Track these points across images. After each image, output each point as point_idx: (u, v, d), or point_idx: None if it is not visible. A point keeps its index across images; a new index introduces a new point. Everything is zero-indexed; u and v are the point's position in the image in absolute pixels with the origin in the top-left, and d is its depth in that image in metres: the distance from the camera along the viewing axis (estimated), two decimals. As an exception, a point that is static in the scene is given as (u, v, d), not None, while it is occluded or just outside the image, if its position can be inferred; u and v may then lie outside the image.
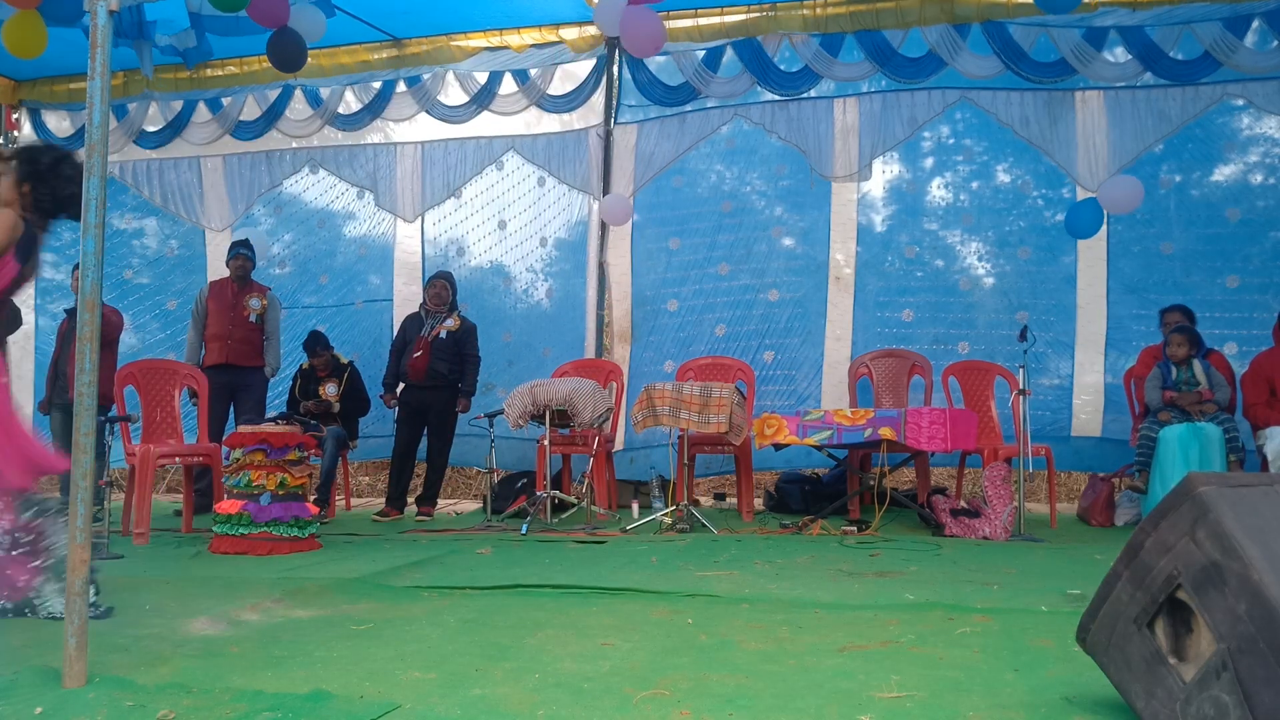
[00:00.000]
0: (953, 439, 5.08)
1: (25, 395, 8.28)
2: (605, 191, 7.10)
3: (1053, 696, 2.17)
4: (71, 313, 6.32)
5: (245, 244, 6.84)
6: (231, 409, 6.59)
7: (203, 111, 7.94)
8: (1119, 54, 6.28)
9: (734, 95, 6.89)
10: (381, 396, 6.60)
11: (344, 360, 6.77)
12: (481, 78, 7.36)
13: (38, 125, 8.36)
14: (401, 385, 6.48)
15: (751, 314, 6.93)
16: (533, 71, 7.26)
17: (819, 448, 5.49)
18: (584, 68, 7.19)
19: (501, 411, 5.74)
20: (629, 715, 2.07)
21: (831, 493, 6.25)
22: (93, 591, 3.08)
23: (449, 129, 7.52)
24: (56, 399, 6.34)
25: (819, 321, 6.84)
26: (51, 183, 3.18)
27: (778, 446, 5.46)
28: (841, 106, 6.77)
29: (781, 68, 6.77)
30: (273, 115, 7.78)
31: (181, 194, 8.08)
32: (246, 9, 5.12)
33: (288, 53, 5.41)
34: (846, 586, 3.59)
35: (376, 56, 7.51)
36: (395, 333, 6.85)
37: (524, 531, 5.26)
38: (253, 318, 6.60)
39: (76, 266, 6.28)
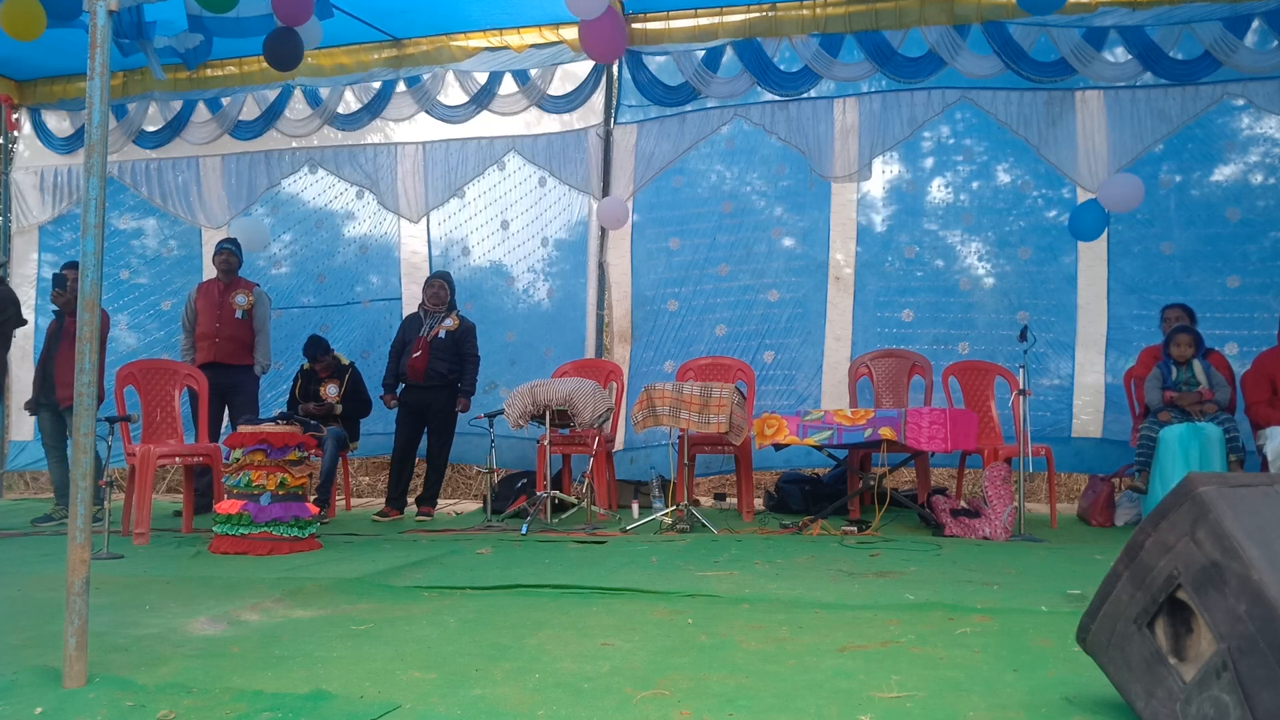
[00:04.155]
0: (953, 439, 5.08)
1: (25, 395, 8.29)
2: (606, 191, 7.10)
3: (1053, 696, 2.17)
4: (59, 315, 6.31)
5: (231, 241, 6.84)
6: (226, 410, 6.57)
7: (202, 111, 7.95)
8: (1119, 54, 6.28)
9: (734, 95, 6.89)
10: (381, 397, 6.59)
11: (345, 361, 6.76)
12: (481, 78, 7.36)
13: (38, 125, 8.37)
14: (401, 385, 6.47)
15: (751, 314, 6.93)
16: (533, 72, 7.26)
17: (819, 448, 5.49)
18: (584, 68, 7.18)
19: (501, 411, 5.74)
20: (629, 715, 2.07)
21: (831, 493, 6.25)
22: None
23: (449, 129, 7.52)
24: (44, 399, 6.33)
25: (819, 321, 6.84)
26: None
27: (778, 446, 5.46)
28: (841, 106, 6.77)
29: (781, 68, 6.78)
30: (272, 115, 7.78)
31: (180, 194, 8.09)
32: (271, 6, 5.10)
33: (284, 51, 5.38)
34: (846, 586, 3.59)
35: (376, 56, 7.52)
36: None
37: (524, 531, 5.25)
38: (239, 314, 6.59)
39: (65, 268, 6.28)
